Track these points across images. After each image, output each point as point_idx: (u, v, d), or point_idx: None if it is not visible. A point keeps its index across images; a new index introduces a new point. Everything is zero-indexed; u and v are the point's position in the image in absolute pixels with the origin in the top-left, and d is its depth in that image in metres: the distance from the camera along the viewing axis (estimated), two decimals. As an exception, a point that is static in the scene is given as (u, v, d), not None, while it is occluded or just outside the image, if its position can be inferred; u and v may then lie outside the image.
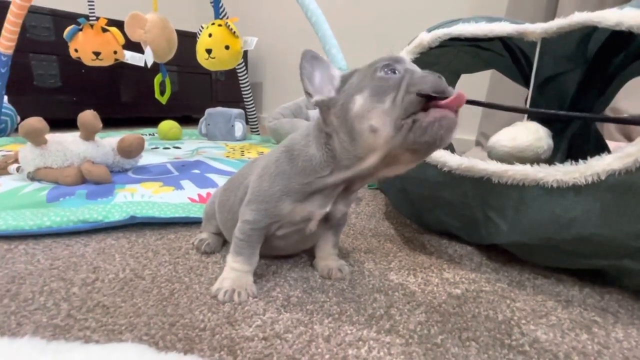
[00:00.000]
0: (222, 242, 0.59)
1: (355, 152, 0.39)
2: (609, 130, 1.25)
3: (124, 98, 2.10)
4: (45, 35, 1.77)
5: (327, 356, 0.35)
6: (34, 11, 1.68)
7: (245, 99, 1.69)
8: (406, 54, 0.62)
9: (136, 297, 0.44)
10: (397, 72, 0.36)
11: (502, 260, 0.57)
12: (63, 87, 1.87)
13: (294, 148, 0.44)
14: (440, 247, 0.62)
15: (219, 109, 1.62)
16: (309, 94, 0.41)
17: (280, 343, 0.37)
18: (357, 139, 0.38)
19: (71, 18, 1.75)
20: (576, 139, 0.70)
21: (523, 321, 0.42)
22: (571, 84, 0.65)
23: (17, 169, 0.83)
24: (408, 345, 0.37)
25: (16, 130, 1.58)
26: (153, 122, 2.26)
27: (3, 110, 1.41)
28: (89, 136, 0.86)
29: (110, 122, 2.16)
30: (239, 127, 1.59)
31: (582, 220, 0.43)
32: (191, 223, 0.67)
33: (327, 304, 0.44)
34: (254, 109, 1.74)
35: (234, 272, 0.46)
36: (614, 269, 0.47)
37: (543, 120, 0.65)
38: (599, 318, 0.43)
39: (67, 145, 0.83)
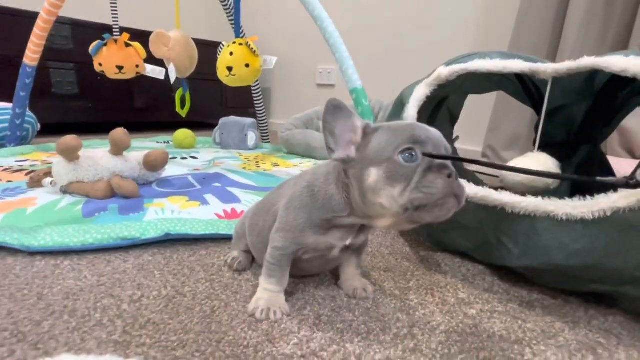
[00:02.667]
0: (252, 260, 0.63)
1: (366, 211, 0.44)
2: (611, 146, 1.29)
3: (138, 104, 2.15)
4: (63, 44, 1.82)
5: (360, 374, 0.40)
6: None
7: (257, 109, 1.74)
8: (425, 86, 0.66)
9: (181, 315, 0.48)
10: (415, 158, 0.39)
11: (512, 280, 0.61)
12: (79, 94, 1.92)
13: (315, 185, 0.47)
14: (454, 266, 0.66)
15: (233, 118, 1.67)
16: (330, 149, 0.43)
17: (318, 361, 0.41)
18: (368, 204, 0.42)
19: (89, 27, 1.80)
20: (583, 165, 0.74)
21: (534, 342, 0.46)
22: (579, 114, 0.69)
23: (51, 183, 0.88)
24: (432, 365, 0.41)
25: (37, 137, 1.63)
26: (166, 127, 2.31)
27: (25, 118, 1.46)
28: (118, 152, 0.90)
29: (125, 128, 2.21)
30: (252, 137, 1.64)
31: (588, 251, 0.47)
32: (219, 239, 0.72)
33: (355, 323, 0.49)
34: (265, 118, 1.79)
35: (267, 292, 0.50)
36: (616, 293, 0.51)
37: (551, 145, 0.69)
38: (603, 340, 0.48)
39: (97, 161, 0.88)
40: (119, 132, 0.87)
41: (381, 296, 0.55)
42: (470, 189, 0.57)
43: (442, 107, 0.94)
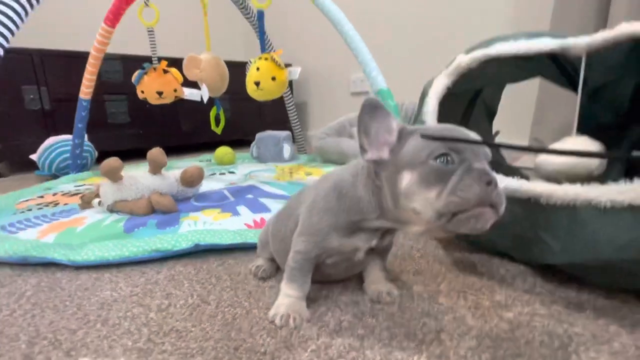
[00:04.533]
0: (277, 268, 0.63)
1: (398, 216, 0.41)
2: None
3: (184, 128, 2.28)
4: (116, 77, 1.99)
5: (378, 381, 0.37)
6: (106, 58, 1.90)
7: (291, 121, 1.77)
8: (445, 76, 0.63)
9: (204, 322, 0.49)
10: (451, 162, 0.37)
11: (558, 280, 0.55)
12: (131, 122, 2.08)
13: (342, 186, 0.46)
14: (491, 267, 0.61)
15: (268, 132, 1.71)
16: (363, 149, 0.41)
17: (334, 368, 0.39)
18: (400, 209, 0.40)
19: (137, 60, 1.95)
20: (637, 147, 0.66)
21: (582, 347, 0.41)
22: (625, 91, 0.62)
23: (99, 203, 0.95)
24: (458, 372, 0.38)
25: (96, 163, 1.79)
26: (210, 146, 2.42)
27: (84, 147, 1.61)
28: (156, 170, 0.95)
29: (173, 150, 2.36)
30: (287, 149, 1.67)
31: (642, 242, 0.41)
32: (248, 248, 0.72)
33: (377, 328, 0.46)
34: (300, 129, 1.81)
35: (288, 298, 0.50)
36: (685, 291, 0.44)
37: (597, 129, 0.62)
38: (670, 345, 0.41)
39: (138, 180, 0.93)
40: (156, 152, 0.92)
41: (408, 300, 0.52)
42: (500, 181, 0.52)
43: (476, 101, 0.89)
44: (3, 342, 0.46)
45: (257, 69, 1.18)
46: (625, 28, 0.48)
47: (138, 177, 0.94)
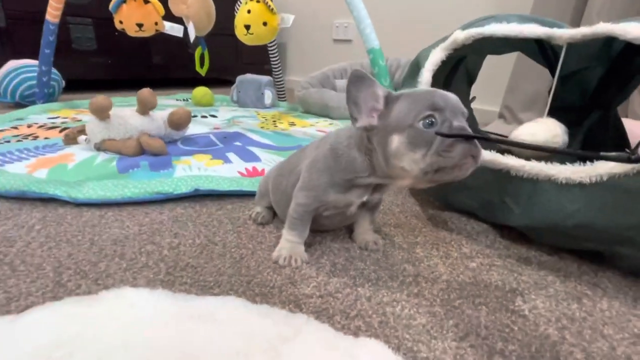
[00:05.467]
0: (274, 215, 0.69)
1: (388, 173, 0.48)
2: (632, 108, 1.27)
3: (155, 60, 2.17)
4: (81, -2, 1.82)
5: (370, 312, 0.46)
6: (69, -26, 1.72)
7: (273, 67, 1.74)
8: (441, 50, 0.68)
9: (215, 260, 0.56)
10: (435, 124, 0.42)
11: (513, 238, 0.66)
12: (98, 50, 1.95)
13: (339, 148, 0.52)
14: (460, 224, 0.71)
15: (249, 76, 1.68)
16: (354, 118, 0.46)
17: (333, 300, 0.48)
18: (390, 167, 0.46)
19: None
20: (595, 129, 0.76)
21: (526, 291, 0.52)
22: (593, 79, 0.70)
23: (86, 140, 0.94)
24: (432, 307, 0.48)
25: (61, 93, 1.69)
26: (182, 83, 2.34)
27: (51, 75, 1.51)
28: (145, 111, 0.95)
29: (142, 84, 2.25)
30: (268, 95, 1.66)
31: (584, 212, 0.52)
32: (242, 195, 0.78)
33: (366, 271, 0.55)
34: (281, 75, 1.79)
35: (289, 243, 0.57)
36: (608, 252, 0.56)
37: (563, 109, 0.71)
38: (589, 291, 0.53)
39: (127, 120, 0.93)
40: (146, 92, 0.91)
41: (390, 249, 0.61)
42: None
43: (459, 67, 0.94)
44: (30, 270, 0.51)
45: (248, 11, 1.14)
46: (602, 27, 0.54)
47: (126, 117, 0.93)
